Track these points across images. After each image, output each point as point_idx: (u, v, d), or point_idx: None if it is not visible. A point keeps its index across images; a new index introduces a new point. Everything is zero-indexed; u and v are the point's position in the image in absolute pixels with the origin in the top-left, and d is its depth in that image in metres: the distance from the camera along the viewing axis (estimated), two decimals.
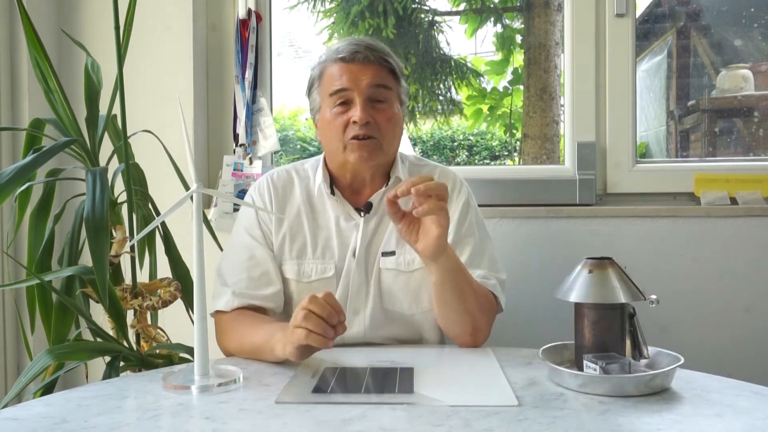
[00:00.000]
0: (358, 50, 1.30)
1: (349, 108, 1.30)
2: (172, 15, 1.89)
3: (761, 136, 2.03)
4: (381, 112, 1.31)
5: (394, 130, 1.34)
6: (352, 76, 1.30)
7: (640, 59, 2.09)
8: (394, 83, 1.34)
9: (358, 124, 1.28)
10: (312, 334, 1.02)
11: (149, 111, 1.79)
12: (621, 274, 1.02)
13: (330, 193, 1.35)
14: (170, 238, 1.43)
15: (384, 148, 1.32)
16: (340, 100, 1.30)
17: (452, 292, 1.21)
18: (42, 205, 1.35)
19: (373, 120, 1.29)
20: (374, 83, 1.30)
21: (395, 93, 1.35)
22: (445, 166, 1.45)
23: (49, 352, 1.18)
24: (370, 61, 1.31)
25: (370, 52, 1.31)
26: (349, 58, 1.30)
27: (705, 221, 1.77)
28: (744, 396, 0.94)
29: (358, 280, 1.31)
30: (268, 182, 1.39)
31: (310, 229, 1.34)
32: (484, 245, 1.35)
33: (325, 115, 1.33)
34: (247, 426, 0.83)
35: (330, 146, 1.34)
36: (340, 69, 1.31)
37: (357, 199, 1.37)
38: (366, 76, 1.30)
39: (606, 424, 0.83)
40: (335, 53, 1.32)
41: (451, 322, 1.26)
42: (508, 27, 2.77)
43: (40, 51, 1.30)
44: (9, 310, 1.86)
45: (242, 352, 1.21)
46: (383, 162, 1.35)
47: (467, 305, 1.22)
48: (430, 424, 0.83)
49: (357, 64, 1.30)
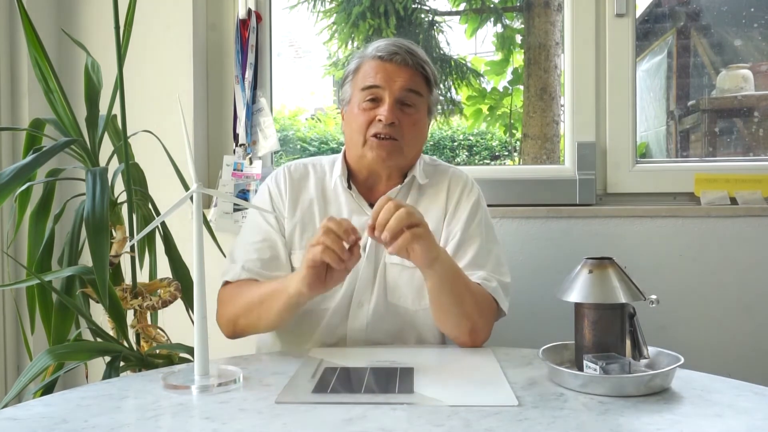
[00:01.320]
0: (397, 52, 1.32)
1: (378, 106, 1.32)
2: (172, 15, 1.89)
3: (761, 136, 2.03)
4: (408, 116, 1.33)
5: (417, 135, 1.36)
6: (387, 75, 1.32)
7: (640, 59, 2.09)
8: (426, 91, 1.36)
9: (383, 123, 1.29)
10: (328, 250, 1.07)
11: (149, 111, 1.79)
12: (621, 274, 1.02)
13: (347, 187, 1.37)
14: (170, 238, 1.43)
15: (404, 151, 1.34)
16: (370, 96, 1.32)
17: (448, 295, 1.22)
18: (42, 205, 1.35)
19: (398, 122, 1.31)
20: (407, 87, 1.32)
21: (425, 100, 1.36)
22: (458, 168, 1.45)
23: (49, 352, 1.18)
24: (408, 65, 1.33)
25: (409, 56, 1.33)
26: (387, 57, 1.32)
27: (705, 221, 1.77)
28: (744, 396, 0.94)
29: (366, 274, 1.32)
30: (285, 172, 1.42)
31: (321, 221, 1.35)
32: (490, 247, 1.35)
33: (353, 108, 1.35)
34: (247, 426, 0.83)
35: (351, 139, 1.36)
36: (377, 66, 1.33)
37: (371, 194, 1.38)
38: (400, 77, 1.32)
39: (606, 424, 0.83)
40: (375, 50, 1.34)
41: (448, 324, 1.26)
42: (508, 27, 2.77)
43: (40, 51, 1.30)
44: (9, 310, 1.86)
45: (249, 307, 1.24)
46: (401, 165, 1.37)
47: (464, 308, 1.22)
48: (430, 424, 0.83)
49: (394, 65, 1.32)
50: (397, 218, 1.09)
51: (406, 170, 1.39)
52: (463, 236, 1.33)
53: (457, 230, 1.34)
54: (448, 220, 1.36)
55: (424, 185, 1.39)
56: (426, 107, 1.37)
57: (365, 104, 1.32)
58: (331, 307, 1.32)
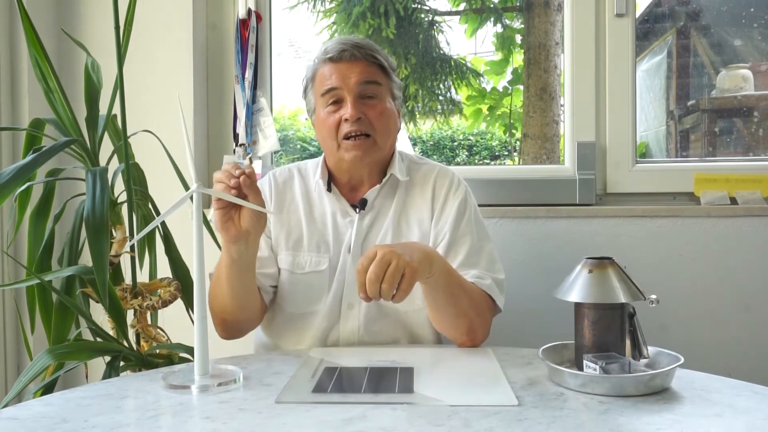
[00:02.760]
0: (344, 48, 1.32)
1: (341, 106, 1.32)
2: (172, 15, 1.89)
3: (761, 136, 2.03)
4: (372, 107, 1.33)
5: (387, 124, 1.35)
6: (341, 74, 1.32)
7: (640, 59, 2.09)
8: (385, 79, 1.36)
9: (350, 121, 1.29)
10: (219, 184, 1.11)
11: (149, 111, 1.79)
12: (621, 274, 1.02)
13: (327, 189, 1.37)
14: (170, 238, 1.43)
15: (379, 143, 1.33)
16: (331, 100, 1.33)
17: (444, 297, 1.21)
18: (42, 204, 1.35)
19: (364, 116, 1.31)
20: (363, 80, 1.32)
21: (386, 88, 1.36)
22: (444, 166, 1.45)
23: (49, 351, 1.18)
24: (357, 59, 1.32)
25: (357, 49, 1.33)
26: (337, 57, 1.33)
27: (705, 221, 1.77)
28: (744, 396, 0.94)
29: (353, 275, 1.32)
30: (269, 178, 1.44)
31: (307, 223, 1.37)
32: (482, 244, 1.35)
33: (319, 115, 1.36)
34: (247, 426, 0.83)
35: (326, 145, 1.36)
36: (330, 69, 1.33)
37: (354, 195, 1.39)
38: (354, 73, 1.32)
39: (606, 424, 0.83)
40: (324, 54, 1.35)
41: (446, 325, 1.26)
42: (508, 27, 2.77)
43: (40, 51, 1.30)
44: (9, 310, 1.86)
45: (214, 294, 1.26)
46: (379, 158, 1.36)
47: (460, 308, 1.22)
48: (430, 424, 0.83)
49: (345, 63, 1.32)
50: (372, 272, 1.05)
51: (385, 166, 1.39)
52: (453, 236, 1.33)
53: (446, 230, 1.33)
54: (435, 220, 1.35)
55: (410, 184, 1.39)
56: (389, 94, 1.36)
57: (329, 108, 1.33)
58: (321, 310, 1.32)
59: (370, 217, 1.36)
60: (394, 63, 1.41)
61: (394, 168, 1.38)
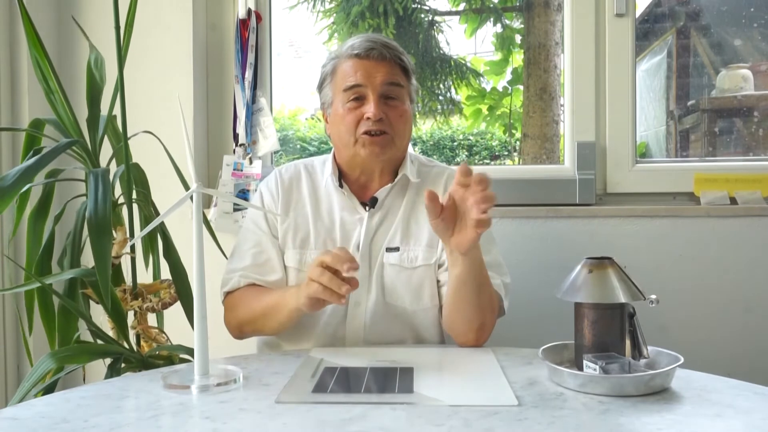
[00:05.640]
0: (373, 47, 1.32)
1: (363, 104, 1.32)
2: (172, 15, 1.89)
3: (761, 136, 2.03)
4: (393, 108, 1.33)
5: (405, 126, 1.36)
6: (367, 72, 1.31)
7: (640, 59, 2.09)
8: (406, 81, 1.37)
9: (372, 120, 1.29)
10: (327, 290, 1.08)
11: (149, 111, 1.79)
12: (621, 274, 1.02)
13: (338, 185, 1.37)
14: (170, 240, 1.42)
15: (396, 143, 1.34)
16: (353, 96, 1.32)
17: (472, 285, 1.21)
18: (41, 206, 1.35)
19: (385, 116, 1.31)
20: (388, 81, 1.32)
21: (407, 90, 1.37)
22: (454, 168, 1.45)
23: (51, 355, 1.18)
24: (385, 59, 1.32)
25: (386, 49, 1.33)
26: (364, 54, 1.32)
27: (705, 221, 1.77)
28: (744, 396, 0.94)
29: (361, 273, 1.32)
30: (276, 175, 1.44)
31: (314, 221, 1.37)
32: (490, 248, 1.35)
33: (337, 110, 1.35)
34: (247, 426, 0.84)
35: (341, 140, 1.35)
36: (355, 65, 1.32)
37: (363, 193, 1.39)
38: (380, 73, 1.32)
39: (606, 424, 0.83)
40: (350, 49, 1.34)
41: (461, 317, 1.24)
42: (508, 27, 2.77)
43: (41, 51, 1.30)
44: (9, 312, 1.85)
45: (253, 317, 1.28)
46: (394, 157, 1.37)
47: (481, 301, 1.22)
48: (430, 424, 0.83)
49: (372, 61, 1.32)
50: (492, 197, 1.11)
51: (397, 166, 1.39)
52: None
53: None
54: None
55: (420, 186, 1.39)
56: (408, 96, 1.38)
57: (350, 104, 1.32)
58: (327, 308, 1.32)
59: (380, 216, 1.37)
60: (413, 66, 1.42)
61: (405, 169, 1.38)
